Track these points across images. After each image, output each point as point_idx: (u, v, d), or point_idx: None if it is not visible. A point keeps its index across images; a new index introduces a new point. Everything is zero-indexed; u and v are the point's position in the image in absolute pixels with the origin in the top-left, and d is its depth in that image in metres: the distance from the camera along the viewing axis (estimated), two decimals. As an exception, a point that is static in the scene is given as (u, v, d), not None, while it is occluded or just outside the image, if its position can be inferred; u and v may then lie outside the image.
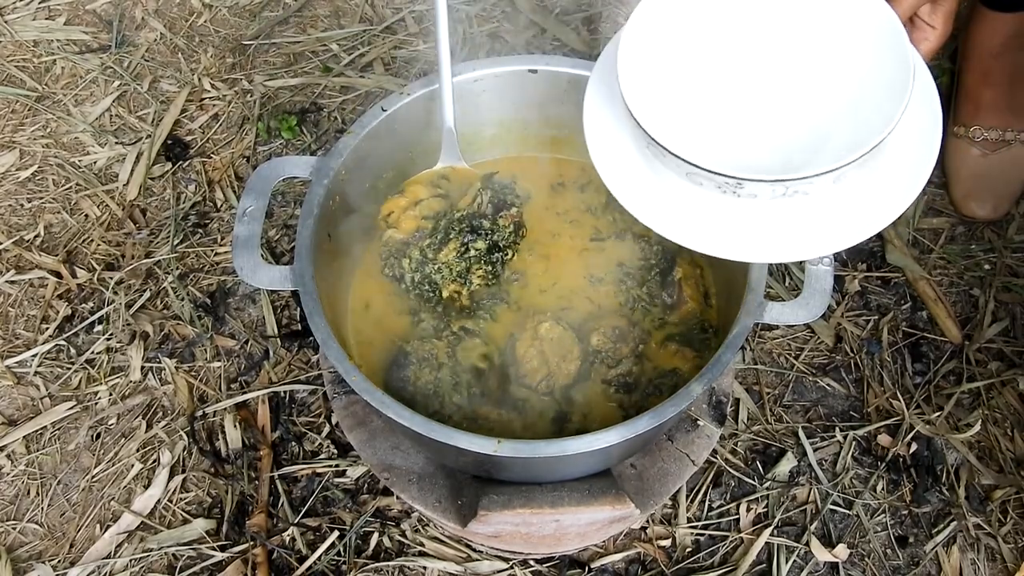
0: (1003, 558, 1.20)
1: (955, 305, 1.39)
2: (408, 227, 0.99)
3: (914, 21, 0.88)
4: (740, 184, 0.71)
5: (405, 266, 0.99)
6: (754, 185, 0.71)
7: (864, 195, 0.78)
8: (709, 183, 0.73)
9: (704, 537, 1.22)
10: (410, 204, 1.01)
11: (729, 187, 0.73)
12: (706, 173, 0.72)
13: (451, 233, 0.97)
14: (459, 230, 0.97)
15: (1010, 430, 1.29)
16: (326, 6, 1.74)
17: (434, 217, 1.00)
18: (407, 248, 0.99)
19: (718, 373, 0.87)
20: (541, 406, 1.00)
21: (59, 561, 1.21)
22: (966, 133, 1.46)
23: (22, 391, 1.34)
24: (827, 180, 0.71)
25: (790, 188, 0.72)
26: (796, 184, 0.71)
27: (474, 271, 0.99)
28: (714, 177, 0.72)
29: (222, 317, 1.39)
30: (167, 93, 1.63)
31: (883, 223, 0.77)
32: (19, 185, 1.54)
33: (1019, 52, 1.44)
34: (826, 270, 0.94)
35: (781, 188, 0.72)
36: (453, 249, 0.96)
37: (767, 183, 0.71)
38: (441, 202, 1.01)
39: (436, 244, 0.97)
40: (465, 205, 0.99)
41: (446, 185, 1.03)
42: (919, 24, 0.88)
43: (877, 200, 0.78)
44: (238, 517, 1.23)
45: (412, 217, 0.99)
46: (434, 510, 1.02)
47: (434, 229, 0.98)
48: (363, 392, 0.86)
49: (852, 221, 0.78)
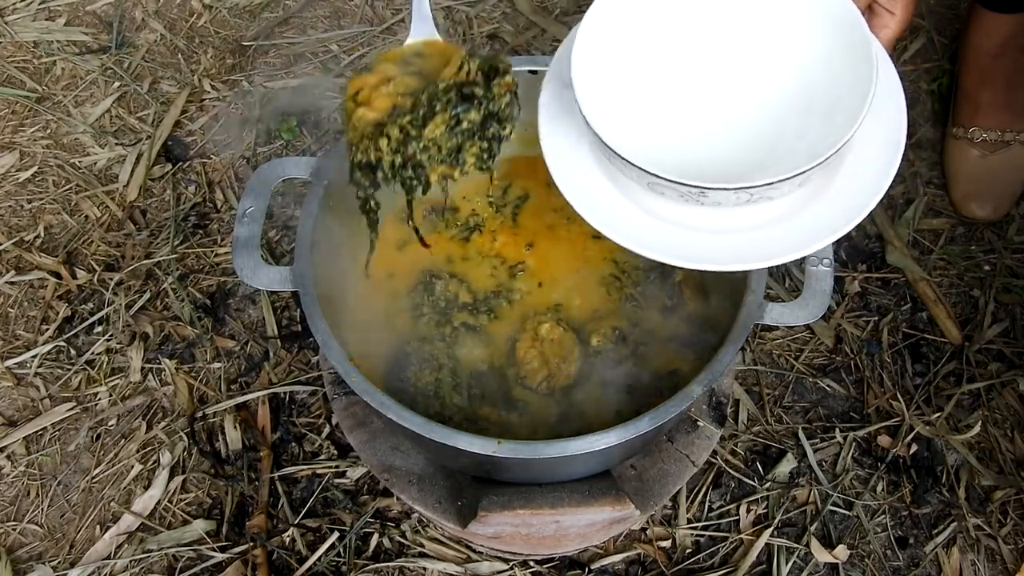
0: (1003, 559, 1.20)
1: (955, 306, 1.39)
2: (382, 105, 0.82)
3: (873, 8, 0.84)
4: (704, 193, 0.69)
5: (383, 147, 0.81)
6: (718, 193, 0.69)
7: (831, 195, 0.76)
8: (672, 192, 0.71)
9: (704, 538, 1.22)
10: (381, 82, 0.84)
11: (692, 196, 0.70)
12: (668, 183, 0.69)
13: (436, 104, 0.80)
14: (446, 100, 0.80)
15: (1010, 431, 1.29)
16: (326, 7, 1.74)
17: (412, 94, 0.82)
18: (382, 128, 0.81)
19: (718, 374, 0.87)
20: (541, 407, 1.00)
21: (59, 562, 1.21)
22: (965, 134, 1.46)
23: (22, 392, 1.34)
24: (792, 184, 0.69)
25: (755, 194, 0.69)
26: (760, 190, 0.69)
27: (467, 149, 0.84)
28: (677, 187, 0.69)
29: (222, 318, 1.39)
30: (167, 94, 1.63)
31: (852, 223, 0.74)
32: (19, 186, 1.54)
33: (1018, 53, 1.44)
34: (826, 271, 0.93)
35: (745, 195, 0.69)
36: (441, 122, 0.80)
37: (731, 191, 0.68)
38: (418, 79, 0.85)
39: (420, 119, 0.80)
40: (450, 75, 0.82)
41: (419, 63, 0.87)
42: (878, 11, 0.84)
43: (845, 199, 0.75)
44: (238, 518, 1.23)
45: (386, 95, 0.83)
46: (434, 511, 1.02)
47: (415, 104, 0.81)
48: (363, 393, 0.86)
49: (820, 222, 0.75)
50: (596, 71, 0.76)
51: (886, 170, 0.75)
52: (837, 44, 0.75)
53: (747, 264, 0.75)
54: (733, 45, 0.81)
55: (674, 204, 0.73)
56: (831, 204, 0.75)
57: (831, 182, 0.76)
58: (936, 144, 1.53)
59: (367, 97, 0.83)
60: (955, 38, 1.55)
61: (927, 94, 1.58)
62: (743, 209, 0.73)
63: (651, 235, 0.76)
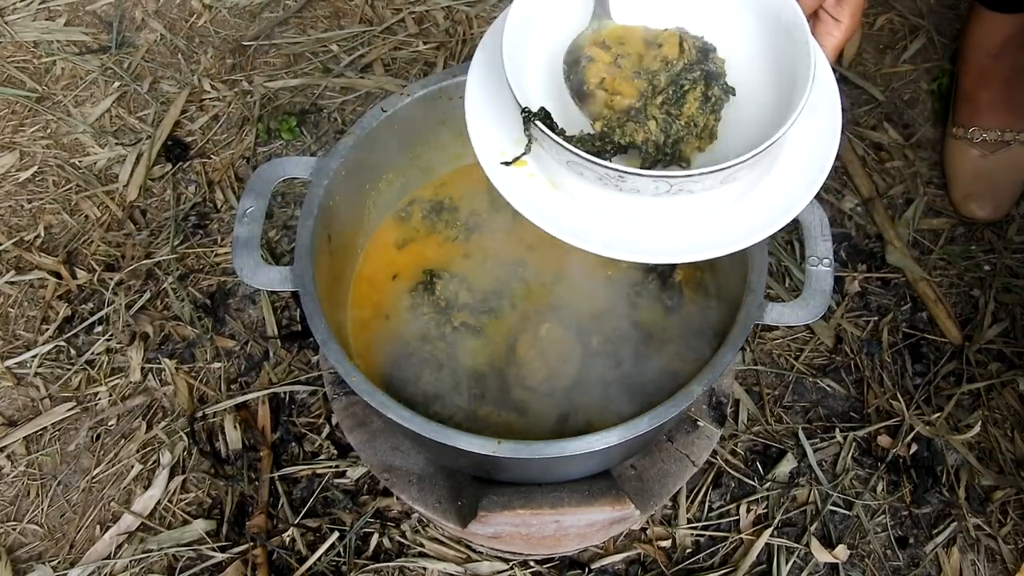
0: (1003, 559, 1.20)
1: (955, 306, 1.39)
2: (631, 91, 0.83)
3: (818, 14, 0.83)
4: (622, 177, 0.68)
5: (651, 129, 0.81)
6: (635, 179, 0.68)
7: (756, 196, 0.74)
8: (590, 174, 0.70)
9: (704, 538, 1.22)
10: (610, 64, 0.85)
11: (611, 179, 0.69)
12: (585, 162, 0.68)
13: (685, 84, 0.81)
14: (692, 79, 0.81)
15: (1010, 431, 1.29)
16: (326, 7, 1.74)
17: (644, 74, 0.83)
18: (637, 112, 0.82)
19: (718, 374, 0.87)
20: (542, 407, 1.00)
21: (59, 562, 1.21)
22: (965, 134, 1.46)
23: (22, 392, 1.34)
24: (714, 179, 0.68)
25: (674, 185, 0.68)
26: (680, 182, 0.67)
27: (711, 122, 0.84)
28: (594, 168, 0.68)
29: (222, 318, 1.39)
30: (167, 94, 1.63)
31: (776, 226, 0.73)
32: (19, 186, 1.54)
33: (1018, 52, 1.44)
34: (826, 271, 0.93)
35: (665, 185, 0.68)
36: (694, 100, 0.81)
37: (649, 179, 0.67)
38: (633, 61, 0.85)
39: (672, 99, 0.81)
40: (675, 55, 0.84)
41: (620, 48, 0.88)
42: (823, 18, 0.83)
43: (769, 202, 0.74)
44: (238, 518, 1.23)
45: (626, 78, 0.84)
46: (434, 511, 1.02)
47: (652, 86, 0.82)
48: (363, 393, 0.86)
49: (741, 223, 0.74)
50: (525, 42, 0.75)
51: (815, 176, 0.74)
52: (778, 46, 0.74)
53: (655, 258, 0.73)
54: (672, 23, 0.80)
55: (592, 187, 0.72)
56: (755, 204, 0.74)
57: (757, 182, 0.75)
58: (936, 144, 1.53)
59: (613, 84, 0.83)
60: (955, 38, 1.55)
61: (927, 94, 1.58)
62: (662, 200, 0.71)
63: (564, 216, 0.74)
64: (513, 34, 0.74)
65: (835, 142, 0.76)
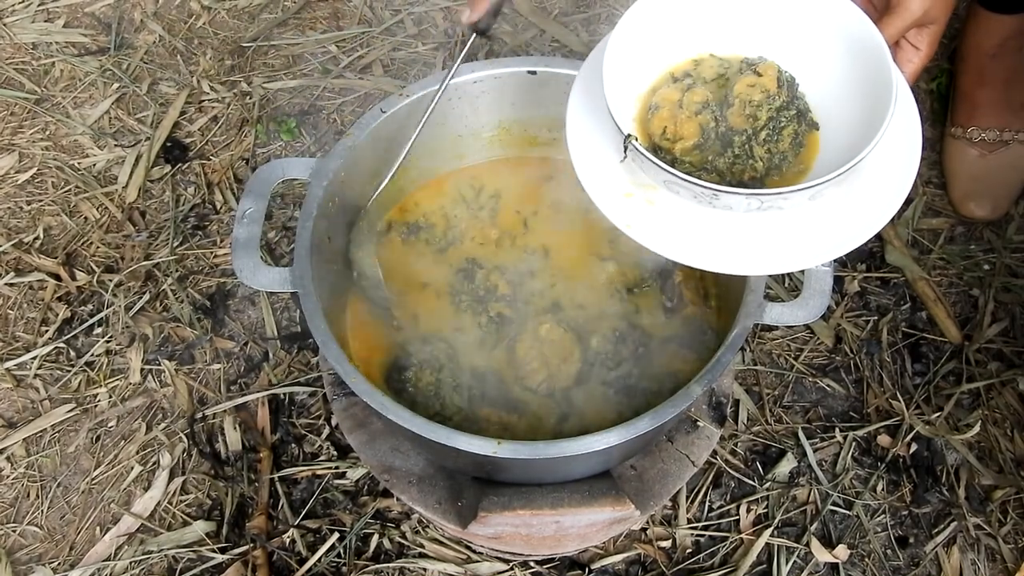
0: (1003, 558, 1.21)
1: (955, 305, 1.39)
2: (692, 131, 0.84)
3: (899, 42, 0.89)
4: (716, 195, 0.72)
5: (758, 167, 0.83)
6: (729, 197, 0.72)
7: (840, 213, 0.79)
8: (686, 192, 0.74)
9: (704, 538, 1.22)
10: (674, 106, 0.86)
11: (705, 197, 0.73)
12: (683, 182, 0.73)
13: (783, 121, 0.83)
14: (789, 117, 0.84)
15: (1010, 430, 1.29)
16: (325, 8, 1.74)
17: (706, 108, 0.85)
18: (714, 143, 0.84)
19: (718, 374, 0.87)
20: (541, 408, 1.00)
21: (59, 564, 1.21)
22: (964, 134, 1.46)
23: (22, 393, 1.34)
24: (803, 196, 0.73)
25: (765, 202, 0.73)
26: (771, 199, 0.72)
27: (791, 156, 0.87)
28: (690, 187, 0.73)
29: (221, 319, 1.39)
30: (166, 95, 1.63)
31: (857, 242, 0.77)
32: (18, 188, 1.54)
33: (1016, 53, 1.44)
34: (826, 271, 0.94)
35: (756, 202, 0.73)
36: (788, 135, 0.84)
37: (742, 196, 0.72)
38: (700, 92, 0.87)
39: (772, 135, 0.83)
40: (774, 87, 0.85)
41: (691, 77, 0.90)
42: (904, 46, 0.89)
43: (853, 218, 0.79)
44: (238, 519, 1.23)
45: (688, 118, 0.85)
46: (434, 511, 1.02)
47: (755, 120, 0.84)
48: (363, 394, 0.86)
49: (826, 238, 0.78)
50: (626, 69, 0.79)
51: (896, 194, 0.78)
52: (862, 72, 0.78)
53: (748, 270, 0.78)
54: (759, 53, 0.84)
55: (687, 204, 0.76)
56: (840, 220, 0.78)
57: (842, 200, 0.78)
58: (935, 144, 1.53)
59: (675, 131, 0.86)
60: (954, 38, 1.55)
61: (926, 94, 1.58)
62: (753, 216, 0.76)
63: (661, 231, 0.78)
64: (613, 61, 0.78)
65: (915, 161, 0.79)
